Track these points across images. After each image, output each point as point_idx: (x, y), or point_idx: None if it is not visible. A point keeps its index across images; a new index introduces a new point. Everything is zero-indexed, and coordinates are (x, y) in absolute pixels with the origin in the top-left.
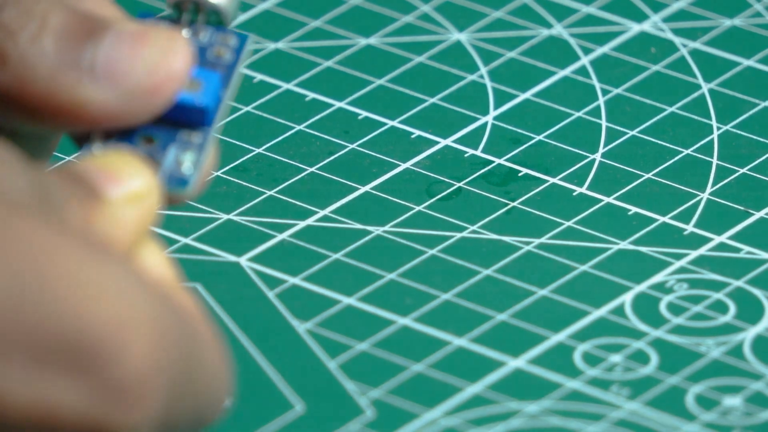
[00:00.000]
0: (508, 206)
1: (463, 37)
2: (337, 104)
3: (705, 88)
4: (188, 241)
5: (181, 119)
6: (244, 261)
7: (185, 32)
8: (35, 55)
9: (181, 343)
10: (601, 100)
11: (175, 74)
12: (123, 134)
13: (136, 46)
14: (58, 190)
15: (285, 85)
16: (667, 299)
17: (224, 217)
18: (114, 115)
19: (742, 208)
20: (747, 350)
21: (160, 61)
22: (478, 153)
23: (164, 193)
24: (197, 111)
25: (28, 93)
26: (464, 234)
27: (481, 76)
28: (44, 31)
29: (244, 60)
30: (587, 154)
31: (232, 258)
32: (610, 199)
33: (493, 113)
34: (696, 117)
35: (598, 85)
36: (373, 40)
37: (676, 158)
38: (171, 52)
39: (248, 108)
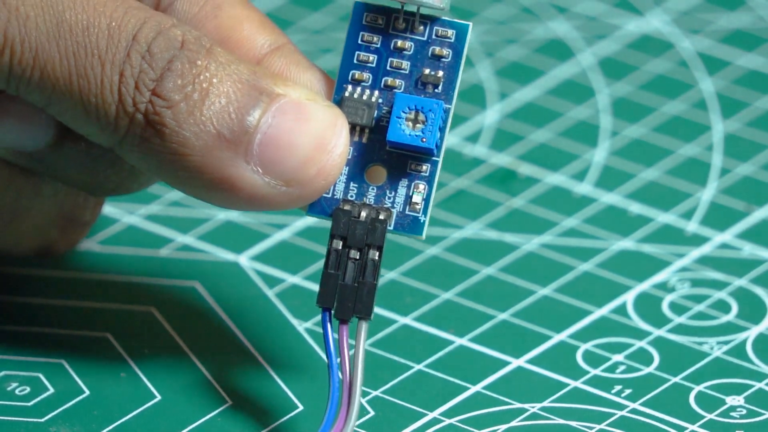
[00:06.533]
0: (509, 206)
1: None
2: None
3: (705, 88)
4: (188, 240)
5: (407, 154)
6: (243, 260)
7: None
8: (192, 128)
9: None
10: (602, 100)
11: (331, 170)
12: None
13: (296, 128)
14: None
15: None
16: (669, 298)
17: (224, 216)
18: (263, 200)
19: (744, 207)
20: (749, 349)
21: (316, 155)
22: (479, 153)
23: (395, 234)
24: (422, 151)
25: (181, 165)
26: (465, 234)
27: (482, 77)
28: (204, 103)
29: (465, 53)
30: (588, 154)
31: (231, 257)
32: (612, 199)
33: (493, 113)
34: (696, 117)
35: (598, 85)
36: None
37: (677, 158)
38: (328, 144)
39: None
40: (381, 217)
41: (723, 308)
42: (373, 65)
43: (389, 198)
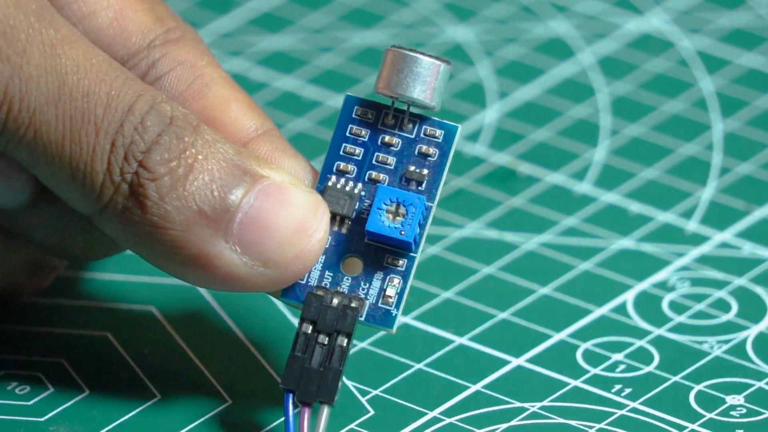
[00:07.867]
0: (509, 205)
1: (463, 36)
2: (337, 104)
3: (705, 87)
4: None
5: (385, 245)
6: None
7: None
8: (174, 202)
9: None
10: (602, 100)
11: (309, 254)
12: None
13: (277, 210)
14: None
15: (285, 85)
16: (669, 297)
17: None
18: (239, 280)
19: (743, 206)
20: (749, 349)
21: (295, 238)
22: (479, 152)
23: (366, 324)
24: (400, 244)
25: (159, 239)
26: (465, 233)
27: (482, 76)
28: (187, 178)
29: (452, 154)
30: (588, 154)
31: None
32: (611, 198)
33: (493, 112)
34: (696, 116)
35: (598, 84)
36: (373, 41)
37: (677, 157)
38: (308, 228)
39: None
40: (353, 304)
41: (723, 307)
42: (359, 158)
43: (363, 289)
